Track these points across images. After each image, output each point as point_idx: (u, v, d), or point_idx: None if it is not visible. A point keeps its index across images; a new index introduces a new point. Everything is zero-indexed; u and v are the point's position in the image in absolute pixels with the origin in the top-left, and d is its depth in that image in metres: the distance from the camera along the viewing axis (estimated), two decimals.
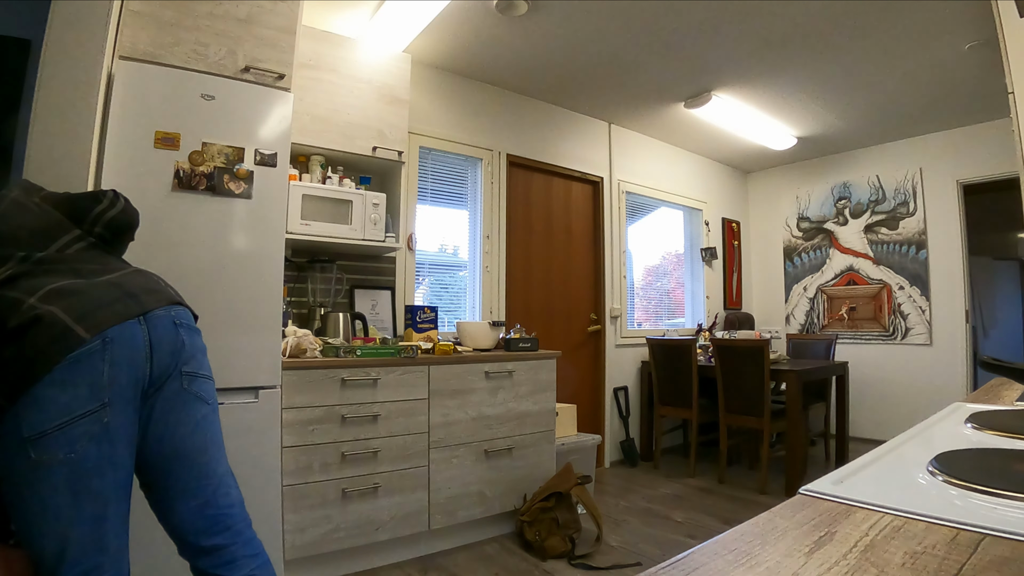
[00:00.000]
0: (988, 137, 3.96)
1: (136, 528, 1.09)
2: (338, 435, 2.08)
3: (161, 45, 1.82)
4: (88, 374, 0.93)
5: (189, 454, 1.08)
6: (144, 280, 1.13)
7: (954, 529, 0.42)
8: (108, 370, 0.95)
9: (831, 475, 0.56)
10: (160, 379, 1.05)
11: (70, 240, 1.12)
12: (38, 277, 1.00)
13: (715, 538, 0.41)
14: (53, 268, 1.04)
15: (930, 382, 4.16)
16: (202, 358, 1.15)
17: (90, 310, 0.96)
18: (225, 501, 1.12)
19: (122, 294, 1.03)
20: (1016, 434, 0.69)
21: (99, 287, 1.02)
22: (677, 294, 4.90)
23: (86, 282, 1.02)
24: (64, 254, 1.09)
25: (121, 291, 1.04)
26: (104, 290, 1.02)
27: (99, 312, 0.97)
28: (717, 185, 5.12)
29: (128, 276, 1.11)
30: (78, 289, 0.99)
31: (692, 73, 3.33)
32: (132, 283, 1.08)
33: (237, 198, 1.85)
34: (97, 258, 1.13)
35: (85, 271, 1.06)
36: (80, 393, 0.92)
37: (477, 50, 3.05)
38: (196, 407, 1.10)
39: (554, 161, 3.79)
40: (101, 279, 1.05)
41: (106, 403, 0.94)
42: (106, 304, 0.99)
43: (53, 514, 0.89)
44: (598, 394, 3.96)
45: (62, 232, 1.12)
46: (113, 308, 0.99)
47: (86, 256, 1.11)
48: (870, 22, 2.71)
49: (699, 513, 2.90)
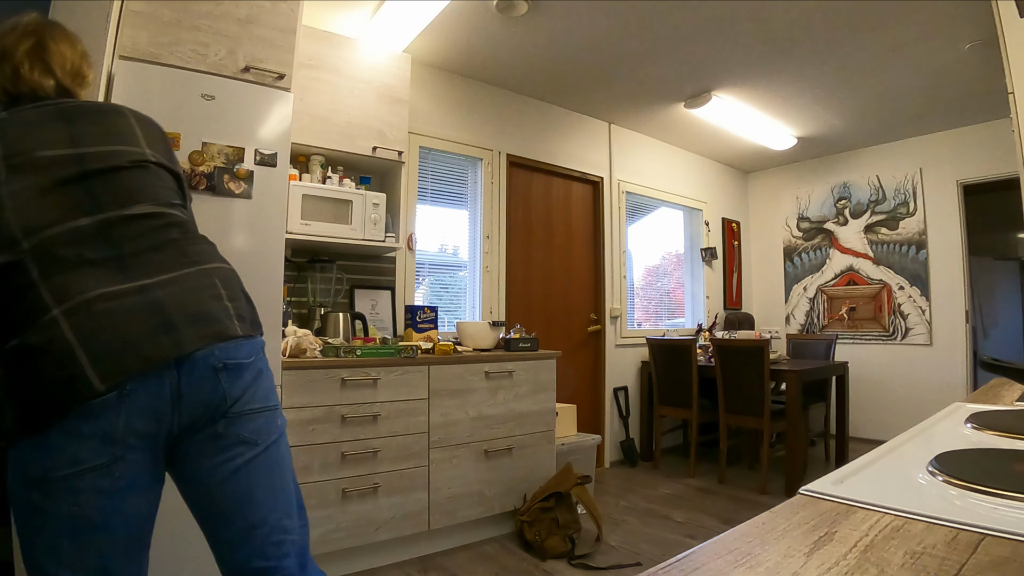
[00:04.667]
0: (988, 137, 3.96)
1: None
2: (338, 435, 2.08)
3: (161, 45, 1.82)
4: (100, 426, 0.80)
5: (229, 504, 0.93)
6: (199, 294, 0.92)
7: (954, 529, 0.42)
8: (124, 421, 0.82)
9: (831, 475, 0.56)
10: (190, 428, 0.90)
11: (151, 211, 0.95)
12: (79, 269, 0.84)
13: (715, 538, 0.41)
14: (103, 253, 0.87)
15: (930, 382, 4.16)
16: (253, 392, 0.95)
17: (112, 349, 0.80)
18: (275, 552, 0.95)
19: (159, 324, 0.85)
20: (1016, 434, 0.69)
21: (136, 309, 0.84)
22: (677, 294, 4.90)
23: (122, 300, 0.84)
24: (130, 229, 0.91)
25: (160, 319, 0.85)
26: (140, 316, 0.84)
27: (123, 355, 0.81)
28: (717, 185, 5.12)
29: (181, 286, 0.91)
30: (109, 310, 0.82)
31: (692, 73, 3.33)
32: (180, 301, 0.88)
33: (237, 198, 1.85)
34: (163, 241, 0.94)
35: (135, 265, 0.88)
36: (89, 445, 0.80)
37: (477, 50, 3.05)
38: (235, 451, 0.92)
39: (554, 161, 3.79)
40: (145, 293, 0.86)
41: (119, 457, 0.82)
42: (133, 342, 0.82)
43: (56, 557, 0.81)
44: (598, 394, 3.96)
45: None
46: (141, 349, 0.82)
47: (152, 237, 0.93)
48: (870, 22, 2.71)
49: (699, 513, 2.90)
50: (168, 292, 0.88)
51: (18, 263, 0.82)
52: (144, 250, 0.90)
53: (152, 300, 0.86)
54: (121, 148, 0.97)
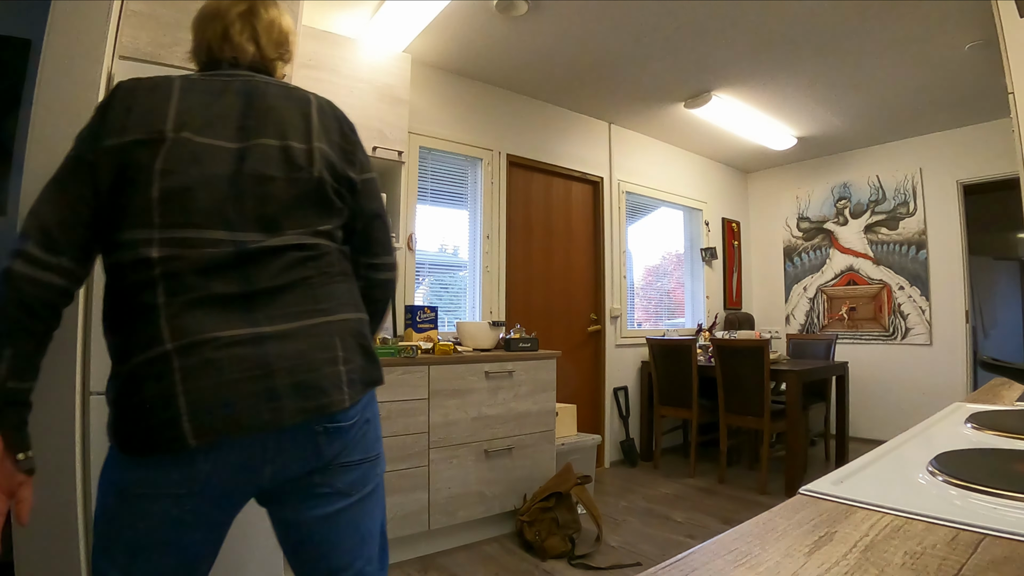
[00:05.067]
0: (988, 137, 3.96)
1: None
2: None
3: (161, 45, 1.82)
4: (184, 467, 0.78)
5: (315, 549, 0.91)
6: (314, 357, 0.84)
7: (954, 529, 0.42)
8: (210, 468, 0.79)
9: (831, 475, 0.56)
10: (282, 483, 0.86)
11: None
12: (202, 305, 0.80)
13: (715, 538, 0.41)
14: (231, 288, 0.82)
15: (930, 382, 4.16)
16: (354, 446, 0.90)
17: (211, 407, 0.76)
18: None
19: (263, 391, 0.79)
20: (1016, 434, 0.69)
21: (245, 366, 0.79)
22: (677, 294, 4.90)
23: (233, 349, 0.79)
24: (266, 262, 0.85)
25: (264, 385, 0.79)
26: (246, 377, 0.78)
27: (220, 416, 0.77)
28: (717, 185, 5.13)
29: (297, 344, 0.83)
30: (218, 361, 0.78)
31: (692, 73, 3.33)
32: (292, 366, 0.82)
33: None
34: (296, 280, 0.87)
35: (260, 306, 0.83)
36: (172, 477, 0.78)
37: (477, 50, 3.05)
38: (328, 501, 0.89)
39: (554, 161, 3.79)
40: (258, 346, 0.80)
41: (196, 492, 0.79)
42: (233, 404, 0.77)
43: (110, 559, 0.82)
44: (598, 394, 3.96)
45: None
46: (239, 416, 0.77)
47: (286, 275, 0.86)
48: (870, 22, 2.71)
49: (699, 513, 2.90)
50: (282, 350, 0.82)
51: (149, 262, 0.79)
52: (274, 289, 0.84)
53: (263, 357, 0.80)
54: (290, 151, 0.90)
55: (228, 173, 0.84)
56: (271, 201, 0.87)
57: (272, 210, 0.87)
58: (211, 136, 0.85)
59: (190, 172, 0.82)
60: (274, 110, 0.91)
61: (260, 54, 1.00)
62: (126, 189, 0.81)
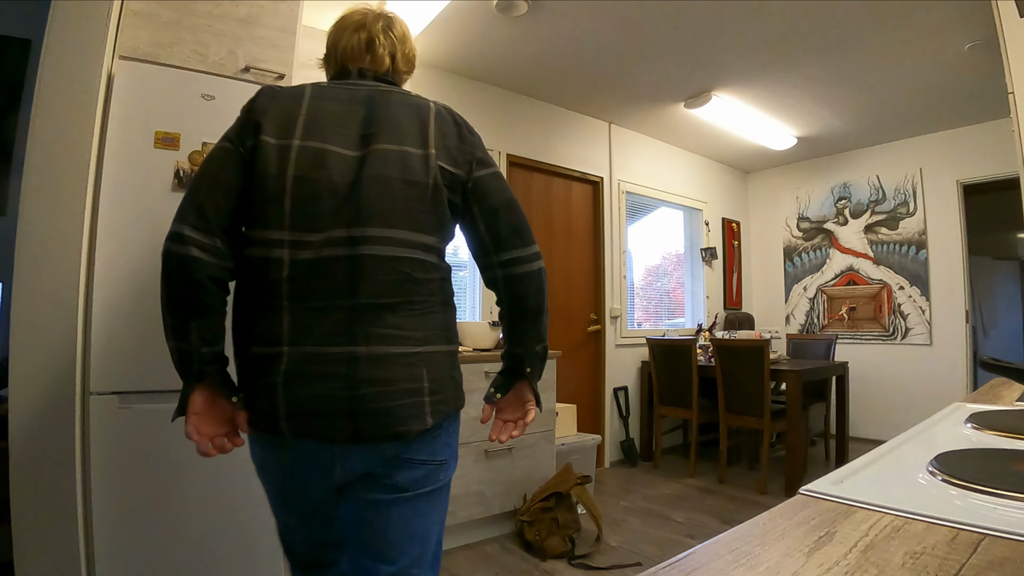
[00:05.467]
0: (988, 137, 3.96)
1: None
2: None
3: (161, 45, 1.82)
4: (279, 449, 0.94)
5: (364, 534, 0.96)
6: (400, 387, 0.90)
7: (954, 529, 0.42)
8: (293, 457, 0.94)
9: (831, 475, 0.56)
10: (351, 480, 0.95)
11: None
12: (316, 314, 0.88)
13: (715, 538, 0.41)
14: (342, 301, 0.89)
15: (930, 382, 4.16)
16: (419, 449, 0.95)
17: (302, 412, 0.87)
18: None
19: (346, 410, 0.87)
20: (1016, 434, 0.69)
21: (335, 382, 0.87)
22: (677, 294, 4.90)
23: (327, 366, 0.87)
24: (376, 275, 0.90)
25: (349, 406, 0.87)
26: (334, 393, 0.87)
27: (307, 420, 0.87)
28: (717, 185, 5.12)
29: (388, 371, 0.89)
30: (314, 375, 0.87)
31: (692, 73, 3.33)
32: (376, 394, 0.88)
33: None
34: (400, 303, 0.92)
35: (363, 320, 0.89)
36: (273, 455, 0.96)
37: (477, 50, 3.05)
38: (385, 491, 0.94)
39: (554, 161, 3.78)
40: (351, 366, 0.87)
41: (287, 473, 0.96)
42: (319, 414, 0.87)
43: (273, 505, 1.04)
44: (598, 394, 3.96)
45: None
46: (321, 426, 0.87)
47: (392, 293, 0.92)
48: (870, 22, 2.71)
49: (699, 513, 2.90)
50: (372, 375, 0.88)
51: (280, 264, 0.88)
52: (379, 307, 0.90)
53: (352, 379, 0.87)
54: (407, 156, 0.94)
55: (350, 180, 0.91)
56: (388, 200, 0.91)
57: (388, 208, 0.91)
58: (336, 144, 0.92)
59: (317, 178, 0.90)
60: (393, 118, 0.97)
61: (393, 67, 1.10)
62: (260, 190, 0.90)
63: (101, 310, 1.61)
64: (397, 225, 0.91)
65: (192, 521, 1.70)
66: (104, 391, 1.60)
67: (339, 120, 0.94)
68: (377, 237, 0.89)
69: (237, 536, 1.77)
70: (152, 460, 1.65)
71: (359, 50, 1.06)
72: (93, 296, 1.60)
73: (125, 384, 1.63)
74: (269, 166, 0.89)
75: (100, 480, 1.56)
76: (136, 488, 1.62)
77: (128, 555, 1.59)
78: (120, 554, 1.58)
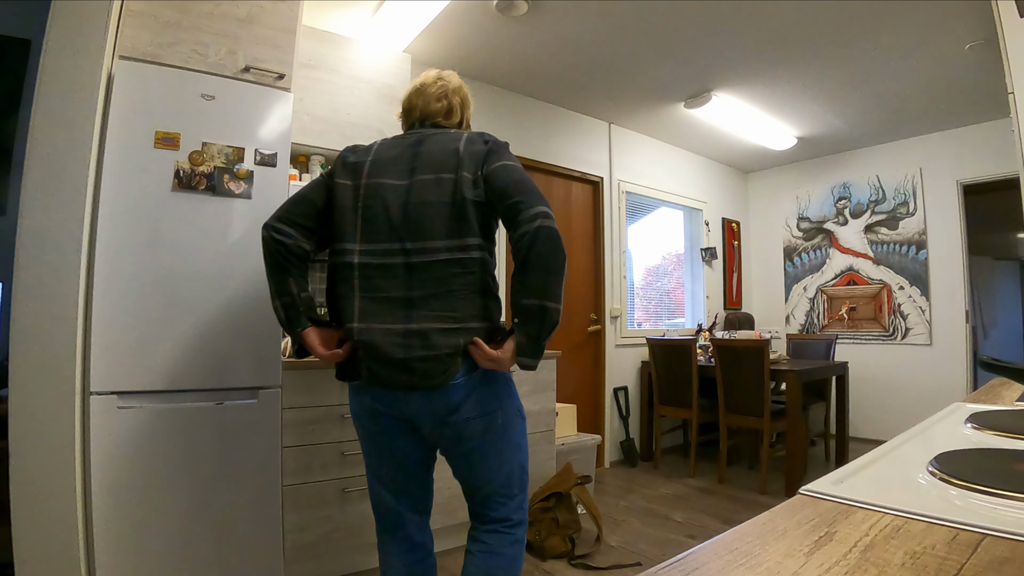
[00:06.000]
0: (988, 137, 3.96)
1: None
2: (338, 435, 2.07)
3: (161, 45, 1.82)
4: (364, 395, 1.29)
5: (460, 474, 1.38)
6: (440, 349, 1.21)
7: (954, 529, 0.42)
8: (370, 401, 1.28)
9: (831, 475, 0.56)
10: (425, 424, 1.27)
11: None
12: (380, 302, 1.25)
13: (715, 538, 0.41)
14: (399, 292, 1.24)
15: (930, 382, 4.16)
16: (463, 404, 1.25)
17: (374, 367, 1.23)
18: (491, 507, 1.39)
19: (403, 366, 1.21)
20: (1016, 434, 0.69)
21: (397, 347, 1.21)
22: (677, 294, 4.90)
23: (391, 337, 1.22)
24: (425, 272, 1.24)
25: (404, 364, 1.21)
26: (396, 353, 1.21)
27: (378, 372, 1.23)
28: (717, 185, 5.12)
29: (432, 340, 1.21)
30: (382, 342, 1.22)
31: (692, 73, 3.33)
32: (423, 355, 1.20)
33: (237, 198, 1.85)
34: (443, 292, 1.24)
35: (416, 304, 1.24)
36: (362, 401, 1.30)
37: (477, 50, 3.05)
38: (460, 443, 1.29)
39: (554, 161, 3.78)
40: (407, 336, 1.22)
41: (377, 412, 1.29)
42: (386, 368, 1.22)
43: (368, 464, 1.39)
44: (598, 394, 3.96)
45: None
46: (387, 376, 1.23)
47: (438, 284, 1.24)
48: (870, 22, 2.71)
49: (699, 513, 2.90)
50: (420, 342, 1.21)
51: (353, 266, 1.26)
52: (428, 296, 1.23)
53: (407, 345, 1.21)
54: (439, 181, 1.25)
55: (401, 203, 1.26)
56: (427, 218, 1.24)
57: (428, 224, 1.24)
58: (390, 178, 1.29)
59: (377, 204, 1.27)
60: (432, 153, 1.30)
61: (447, 112, 1.41)
62: (339, 213, 1.29)
63: (101, 310, 1.61)
64: (437, 237, 1.23)
65: (191, 520, 1.70)
66: (104, 391, 1.60)
67: (394, 160, 1.31)
68: (421, 248, 1.23)
69: (237, 535, 1.77)
70: (152, 460, 1.65)
71: (419, 106, 1.41)
72: (93, 296, 1.60)
73: (125, 384, 1.63)
74: (347, 199, 1.29)
75: (100, 480, 1.56)
76: (136, 488, 1.62)
77: (128, 555, 1.60)
78: (120, 554, 1.58)
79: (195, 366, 1.73)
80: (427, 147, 1.30)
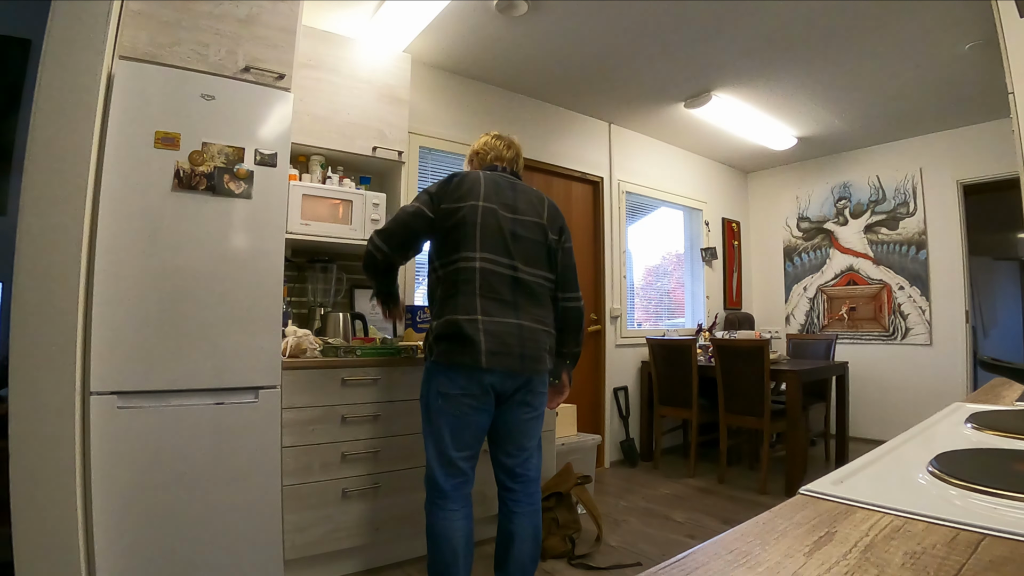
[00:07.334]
0: (988, 137, 3.96)
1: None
2: (338, 435, 2.08)
3: (161, 45, 1.82)
4: (478, 378, 1.60)
5: (514, 435, 1.73)
6: (536, 343, 1.68)
7: (954, 529, 0.42)
8: (487, 380, 1.61)
9: (831, 475, 0.56)
10: (510, 393, 1.68)
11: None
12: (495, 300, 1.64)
13: (715, 538, 0.41)
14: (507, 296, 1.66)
15: (930, 382, 4.16)
16: (542, 383, 1.74)
17: (494, 353, 1.58)
18: (527, 465, 1.77)
19: (517, 354, 1.62)
20: (1016, 434, 0.69)
21: (512, 337, 1.63)
22: (677, 294, 4.90)
23: (506, 327, 1.62)
24: (523, 284, 1.70)
25: (518, 351, 1.62)
26: (512, 342, 1.62)
27: (497, 358, 1.59)
28: (717, 185, 5.12)
29: (531, 336, 1.66)
30: (500, 331, 1.61)
31: (692, 73, 3.33)
32: (526, 347, 1.64)
33: (237, 198, 1.85)
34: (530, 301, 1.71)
35: (520, 307, 1.68)
36: (472, 384, 1.61)
37: (477, 50, 3.05)
38: (523, 411, 1.71)
39: (554, 161, 3.78)
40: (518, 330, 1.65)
41: (484, 392, 1.62)
42: (504, 355, 1.60)
43: (440, 439, 1.64)
44: (598, 394, 3.96)
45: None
46: (505, 361, 1.60)
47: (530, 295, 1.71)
48: (870, 22, 2.71)
49: (699, 513, 2.90)
50: (528, 335, 1.66)
51: (474, 270, 1.63)
52: (525, 303, 1.68)
53: (519, 336, 1.64)
54: (534, 224, 1.75)
55: (510, 230, 1.70)
56: (527, 251, 1.72)
57: (527, 256, 1.72)
58: (499, 207, 1.71)
59: (492, 224, 1.68)
60: (527, 198, 1.79)
61: (517, 167, 1.92)
62: (462, 229, 1.66)
63: (101, 310, 1.61)
64: (532, 265, 1.72)
65: (191, 520, 1.70)
66: (104, 391, 1.60)
67: (500, 190, 1.74)
68: (523, 269, 1.69)
69: (237, 535, 1.77)
70: (152, 460, 1.65)
71: (507, 156, 1.89)
72: (93, 296, 1.60)
73: (125, 384, 1.63)
74: (468, 216, 1.67)
75: (100, 480, 1.57)
76: (136, 487, 1.62)
77: (128, 554, 1.60)
78: (120, 553, 1.58)
79: (195, 366, 1.73)
80: (521, 192, 1.78)
